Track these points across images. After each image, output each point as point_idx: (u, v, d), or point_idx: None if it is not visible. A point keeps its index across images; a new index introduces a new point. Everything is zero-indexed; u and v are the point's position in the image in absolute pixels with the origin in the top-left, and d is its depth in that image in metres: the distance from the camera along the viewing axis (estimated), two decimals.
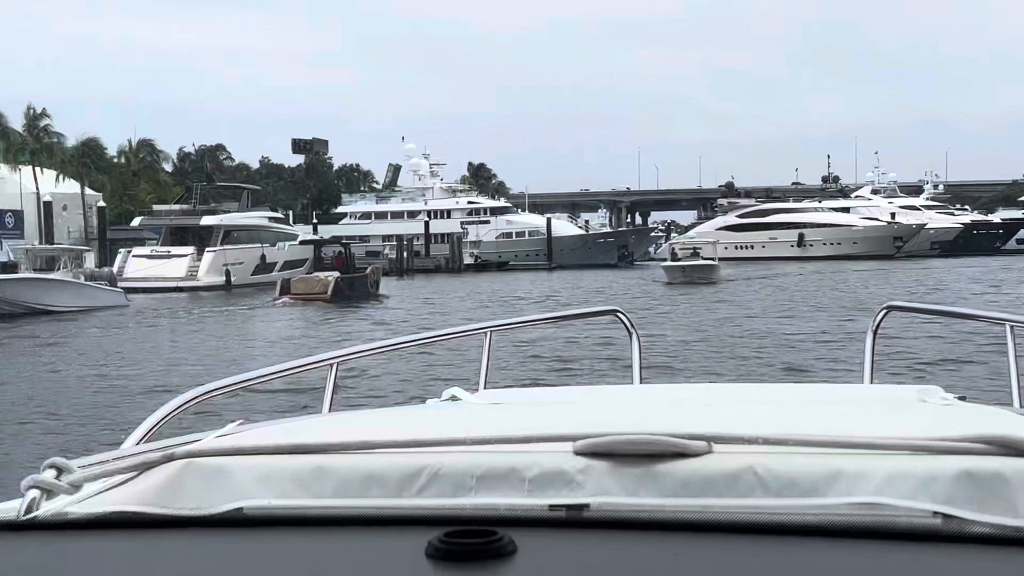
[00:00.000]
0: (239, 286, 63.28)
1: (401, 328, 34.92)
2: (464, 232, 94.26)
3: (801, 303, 41.83)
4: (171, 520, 1.66)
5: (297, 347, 29.69)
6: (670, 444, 1.65)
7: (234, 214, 70.07)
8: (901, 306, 5.09)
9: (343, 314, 43.49)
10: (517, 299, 50.50)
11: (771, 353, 24.84)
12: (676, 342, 26.93)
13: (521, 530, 1.43)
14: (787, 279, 60.83)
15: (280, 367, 3.48)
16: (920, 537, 1.49)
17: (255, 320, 43.38)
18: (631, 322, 4.55)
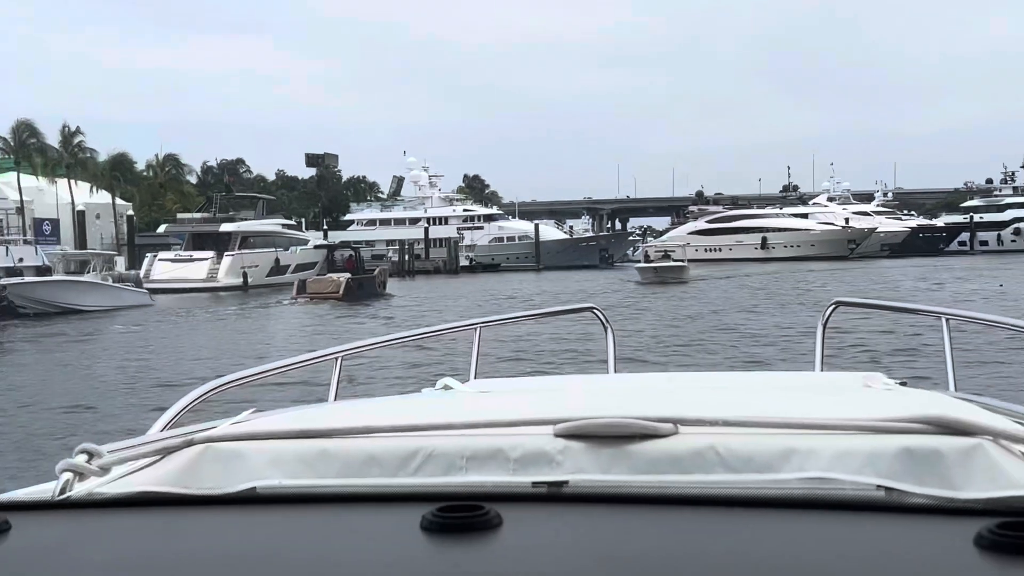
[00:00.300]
0: (255, 287, 63.01)
1: (407, 323, 35.06)
2: (460, 237, 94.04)
3: (763, 300, 41.50)
4: (191, 499, 1.68)
5: (312, 340, 29.52)
6: (640, 426, 1.68)
7: (250, 222, 69.85)
8: (848, 301, 5.06)
9: (353, 311, 43.56)
10: (508, 298, 50.44)
11: (734, 345, 24.59)
12: (648, 336, 26.69)
13: (506, 505, 1.45)
14: (751, 278, 60.50)
15: (290, 360, 3.51)
16: (864, 508, 1.50)
17: (275, 317, 43.44)
18: (606, 318, 4.57)
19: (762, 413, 1.78)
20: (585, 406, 2.05)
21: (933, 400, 2.46)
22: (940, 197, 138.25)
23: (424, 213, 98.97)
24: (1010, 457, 1.61)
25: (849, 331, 21.57)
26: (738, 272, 69.08)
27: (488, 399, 2.79)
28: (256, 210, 72.52)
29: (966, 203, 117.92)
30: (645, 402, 2.28)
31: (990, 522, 1.25)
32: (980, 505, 1.48)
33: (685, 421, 1.71)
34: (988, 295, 40.99)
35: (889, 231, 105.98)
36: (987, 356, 17.45)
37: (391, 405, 2.67)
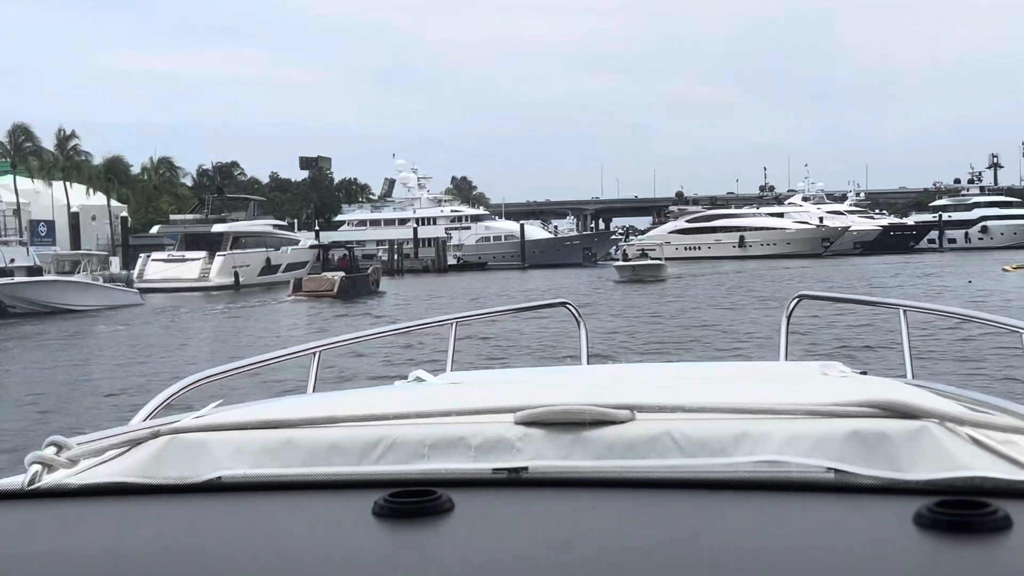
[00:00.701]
0: (246, 286, 62.24)
1: (401, 318, 34.44)
2: (448, 237, 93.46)
3: (738, 296, 40.74)
4: (157, 488, 1.66)
5: (310, 335, 28.77)
6: (598, 413, 1.66)
7: (242, 222, 68.70)
8: (811, 295, 5.01)
9: (346, 308, 43.55)
10: (498, 294, 50.06)
11: (707, 340, 24.02)
12: (623, 332, 26.07)
13: (462, 490, 1.44)
14: (727, 276, 59.83)
15: (268, 355, 3.41)
16: (813, 489, 1.51)
17: (272, 314, 43.30)
18: (579, 313, 4.51)
19: (717, 399, 1.75)
20: (547, 395, 1.95)
21: (886, 386, 2.42)
22: (910, 197, 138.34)
23: (413, 214, 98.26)
24: (955, 439, 1.59)
25: (833, 325, 21.21)
26: (715, 270, 68.54)
27: (455, 390, 2.70)
28: (247, 211, 71.22)
29: (935, 203, 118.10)
30: (605, 390, 2.18)
31: (929, 501, 1.26)
32: (924, 485, 1.47)
33: (642, 408, 1.69)
34: (956, 289, 40.47)
35: (862, 229, 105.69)
36: (944, 345, 17.59)
37: (359, 396, 2.59)
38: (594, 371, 3.74)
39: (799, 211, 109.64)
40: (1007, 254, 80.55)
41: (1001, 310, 29.89)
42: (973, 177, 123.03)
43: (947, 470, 1.53)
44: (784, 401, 1.75)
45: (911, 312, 3.94)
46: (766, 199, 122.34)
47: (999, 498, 1.29)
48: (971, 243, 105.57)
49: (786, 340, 4.25)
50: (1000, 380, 13.86)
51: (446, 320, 4.28)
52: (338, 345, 3.88)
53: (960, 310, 4.23)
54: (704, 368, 3.95)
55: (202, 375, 2.99)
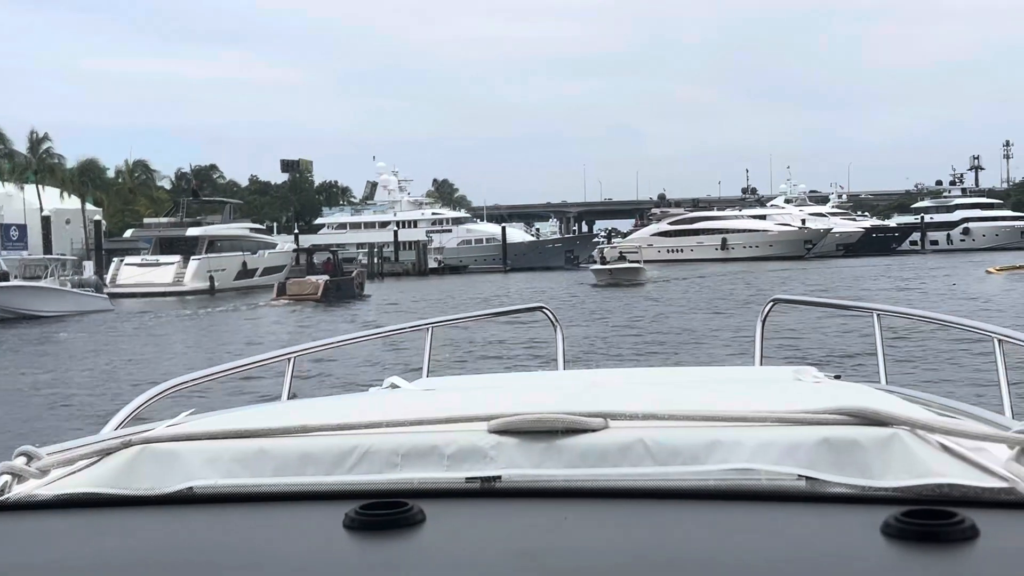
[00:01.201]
0: (222, 290, 61.08)
1: (386, 321, 34.72)
2: (429, 240, 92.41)
3: (719, 300, 39.79)
4: (128, 500, 1.64)
5: (294, 338, 28.91)
6: (571, 421, 1.67)
7: (217, 226, 67.34)
8: (785, 299, 4.98)
9: (327, 312, 43.21)
10: (486, 298, 49.43)
11: (684, 346, 23.26)
12: (595, 336, 25.26)
13: (435, 501, 1.44)
14: (708, 279, 58.97)
15: (242, 362, 3.34)
16: (785, 498, 1.51)
17: (247, 318, 42.57)
18: (555, 317, 4.50)
19: (690, 407, 1.76)
20: (521, 402, 1.95)
21: (856, 392, 2.39)
22: (892, 199, 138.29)
23: (394, 217, 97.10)
24: (925, 446, 1.59)
25: (804, 334, 20.70)
26: (697, 272, 67.70)
27: (428, 397, 2.69)
28: (223, 214, 69.87)
29: (917, 204, 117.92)
30: (579, 397, 2.18)
31: (897, 510, 1.26)
32: (894, 494, 1.49)
33: (615, 415, 1.70)
34: (940, 292, 39.73)
35: (844, 231, 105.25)
36: (918, 348, 17.51)
37: (332, 404, 2.54)
38: (568, 377, 3.65)
39: (781, 213, 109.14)
40: (989, 256, 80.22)
41: (985, 313, 29.30)
42: (955, 179, 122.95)
43: (917, 477, 1.52)
44: (756, 408, 1.74)
45: (884, 316, 3.92)
46: (748, 201, 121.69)
47: (967, 507, 1.29)
48: (953, 245, 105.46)
49: (761, 344, 4.22)
50: (971, 385, 13.67)
51: (422, 325, 4.23)
52: (313, 351, 3.81)
53: (933, 314, 4.19)
54: (678, 373, 3.85)
55: (174, 382, 2.90)
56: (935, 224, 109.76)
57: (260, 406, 2.85)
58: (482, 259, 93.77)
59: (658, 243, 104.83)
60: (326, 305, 46.88)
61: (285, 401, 3.13)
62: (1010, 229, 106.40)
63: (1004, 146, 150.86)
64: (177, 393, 2.88)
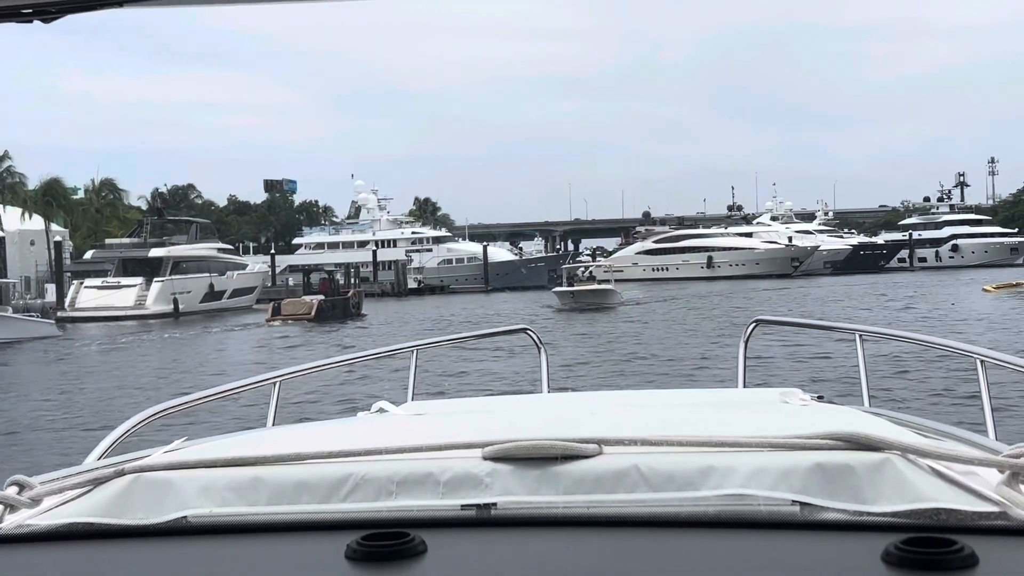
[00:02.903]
0: (187, 313, 57.90)
1: (377, 341, 33.60)
2: (409, 259, 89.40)
3: (700, 326, 36.32)
4: (122, 531, 1.62)
5: (280, 358, 28.91)
6: (565, 447, 1.66)
7: (183, 246, 64.15)
8: (768, 320, 4.96)
9: (322, 332, 42.60)
10: (474, 318, 48.18)
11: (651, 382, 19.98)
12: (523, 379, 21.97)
13: (435, 531, 1.44)
14: (691, 300, 55.64)
15: (229, 386, 3.34)
16: (780, 525, 1.51)
17: (250, 337, 42.44)
18: (539, 339, 4.48)
19: (682, 431, 1.74)
20: (514, 428, 1.94)
21: (845, 416, 2.39)
22: (878, 216, 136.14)
23: (372, 236, 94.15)
24: (917, 471, 1.59)
25: (783, 357, 20.00)
26: (681, 291, 64.55)
27: (420, 422, 2.64)
28: (189, 234, 66.64)
29: (905, 221, 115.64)
30: (571, 423, 2.14)
31: (897, 538, 1.27)
32: (889, 519, 1.50)
33: (608, 441, 1.68)
34: (943, 312, 36.86)
35: (831, 249, 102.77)
36: (900, 370, 17.13)
37: (323, 431, 2.51)
38: (557, 400, 3.62)
39: (768, 231, 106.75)
40: (978, 272, 78.04)
41: (992, 334, 26.73)
42: (943, 195, 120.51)
43: (911, 502, 1.52)
44: (748, 433, 1.72)
45: (867, 337, 3.86)
46: (734, 219, 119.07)
47: (964, 534, 1.31)
48: (942, 262, 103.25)
49: (744, 365, 4.21)
50: (954, 405, 13.44)
51: (406, 348, 4.23)
52: (299, 375, 3.72)
53: (914, 335, 4.05)
54: (665, 396, 3.75)
55: (159, 408, 2.88)
56: (923, 241, 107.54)
57: (252, 432, 2.73)
58: (463, 279, 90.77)
59: (643, 261, 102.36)
60: (318, 325, 46.26)
61: (277, 428, 3.05)
62: (999, 246, 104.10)
63: (989, 163, 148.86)
64: (162, 418, 2.81)
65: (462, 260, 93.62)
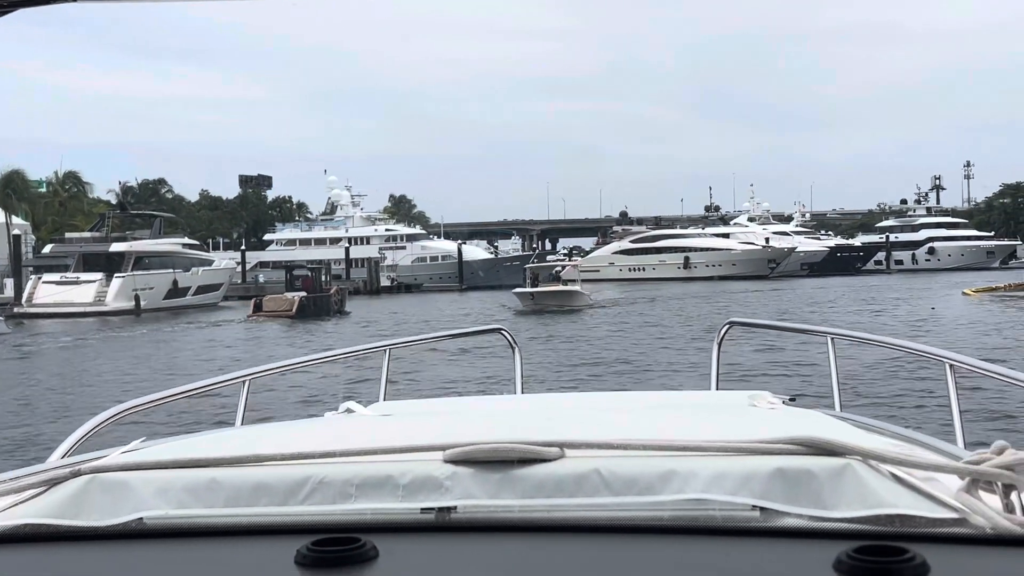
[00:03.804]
0: (149, 311, 55.71)
1: (358, 338, 33.37)
2: (382, 257, 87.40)
3: (668, 332, 34.53)
4: (77, 532, 1.60)
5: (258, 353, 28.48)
6: (527, 451, 1.65)
7: (145, 241, 61.67)
8: (741, 322, 4.94)
9: (304, 329, 42.07)
10: (459, 316, 46.96)
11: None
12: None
13: (389, 536, 1.42)
14: (666, 303, 53.74)
15: (196, 384, 3.30)
16: (740, 532, 1.50)
17: (232, 332, 41.77)
18: (514, 339, 4.46)
19: (645, 435, 1.73)
20: (477, 430, 1.92)
21: (811, 420, 2.38)
22: (855, 218, 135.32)
23: (345, 233, 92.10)
24: (878, 476, 1.59)
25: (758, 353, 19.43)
26: (657, 292, 62.84)
27: (384, 424, 2.60)
28: (152, 229, 64.08)
29: (881, 223, 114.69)
30: (535, 425, 2.12)
31: (850, 545, 1.26)
32: (846, 527, 1.50)
33: (570, 444, 1.67)
34: (924, 316, 35.37)
35: (808, 251, 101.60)
36: (871, 374, 16.87)
37: (285, 431, 2.45)
38: (524, 402, 3.58)
39: (745, 232, 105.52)
40: (955, 276, 76.99)
41: (982, 339, 25.33)
42: (920, 198, 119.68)
43: (869, 508, 1.52)
44: (710, 437, 1.71)
45: (839, 340, 3.85)
46: (711, 219, 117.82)
47: (919, 541, 1.30)
48: (918, 264, 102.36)
49: (717, 368, 4.19)
50: (925, 410, 13.33)
51: (379, 347, 4.17)
52: (268, 373, 3.66)
53: (886, 339, 3.96)
54: (634, 398, 3.74)
55: (123, 407, 2.81)
56: (900, 243, 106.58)
57: (213, 433, 2.67)
58: (437, 277, 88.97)
59: (620, 261, 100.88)
60: (300, 321, 45.67)
61: (238, 428, 2.99)
62: (975, 249, 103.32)
63: (965, 167, 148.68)
64: (128, 418, 2.76)
65: (436, 258, 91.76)
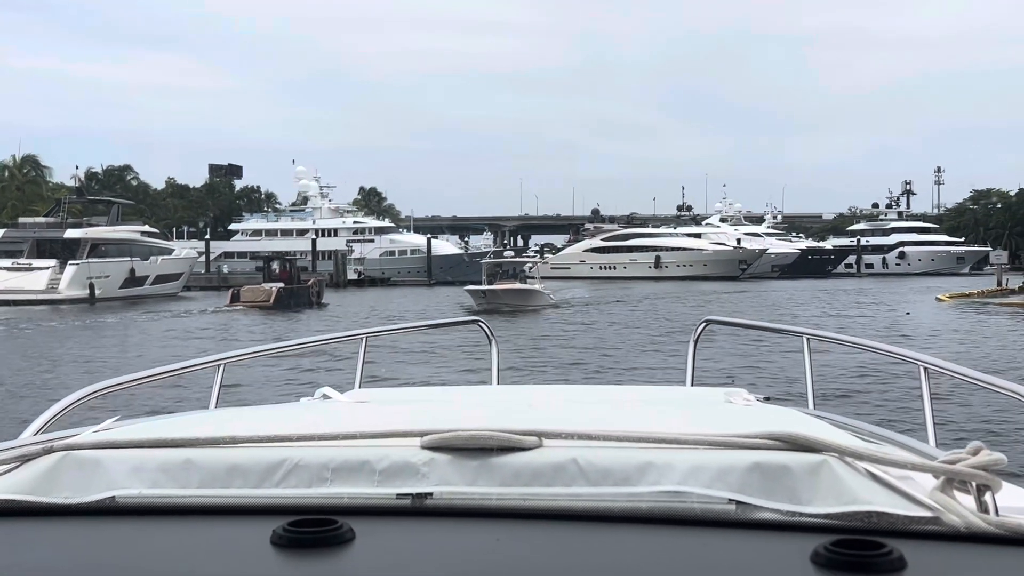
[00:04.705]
0: (105, 299, 53.66)
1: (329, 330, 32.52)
2: (349, 250, 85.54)
3: (629, 340, 33.32)
4: (48, 508, 1.58)
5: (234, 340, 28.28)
6: (505, 439, 1.63)
7: (102, 228, 59.46)
8: (717, 320, 4.93)
9: (277, 317, 41.97)
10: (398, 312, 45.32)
11: None
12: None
13: (365, 519, 1.40)
14: (636, 305, 52.27)
15: (170, 367, 3.27)
16: (716, 523, 1.49)
17: (207, 322, 40.45)
18: (491, 331, 4.46)
19: (623, 427, 1.71)
20: (455, 418, 1.91)
21: (786, 417, 2.39)
22: (825, 221, 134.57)
23: (312, 224, 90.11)
24: (853, 473, 1.60)
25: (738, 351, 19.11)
26: (622, 293, 61.36)
27: (361, 410, 2.59)
28: (110, 215, 61.79)
29: (853, 227, 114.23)
30: (513, 414, 2.15)
31: (827, 539, 1.27)
32: (822, 521, 1.50)
33: (549, 434, 1.66)
34: (902, 321, 34.23)
35: (779, 252, 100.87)
36: (843, 373, 16.75)
37: (261, 415, 2.43)
38: (503, 392, 3.57)
39: (716, 232, 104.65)
40: (926, 280, 76.48)
41: (953, 347, 24.24)
42: (891, 202, 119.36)
43: (845, 504, 1.53)
44: (688, 431, 1.70)
45: (814, 340, 3.86)
46: (683, 219, 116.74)
47: (894, 537, 1.30)
48: (888, 268, 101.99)
49: (693, 364, 4.22)
50: (897, 411, 13.18)
51: (356, 335, 4.15)
52: (244, 358, 3.61)
53: (861, 340, 3.89)
54: (612, 392, 3.77)
55: (99, 386, 2.76)
56: (871, 247, 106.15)
57: (188, 414, 2.65)
58: (406, 271, 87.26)
59: (591, 259, 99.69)
60: (277, 311, 45.38)
61: (214, 410, 2.95)
62: (946, 254, 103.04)
63: (936, 172, 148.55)
64: (102, 398, 2.72)
65: (405, 252, 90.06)
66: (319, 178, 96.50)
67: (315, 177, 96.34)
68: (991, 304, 43.53)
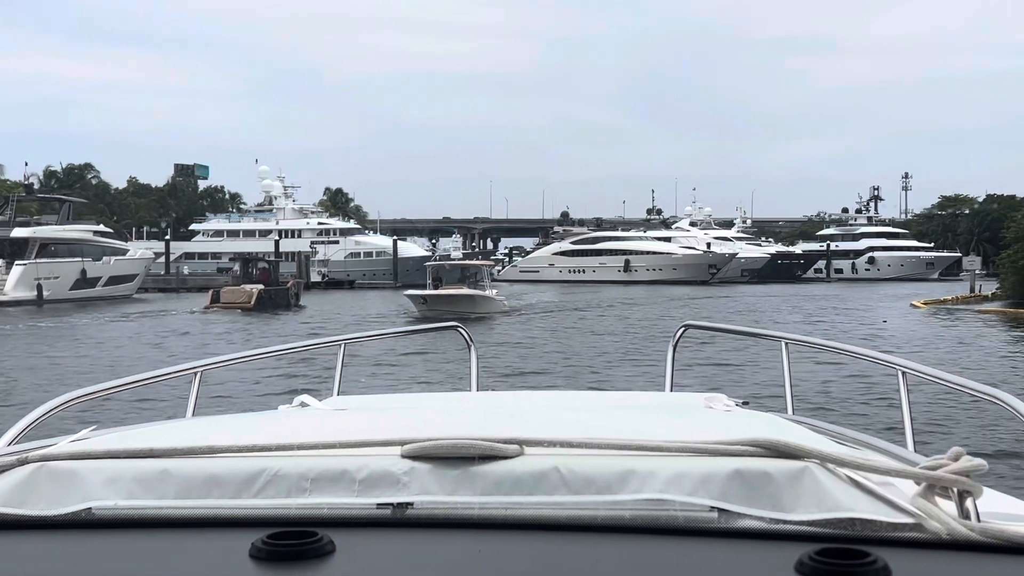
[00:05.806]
0: (53, 301, 51.20)
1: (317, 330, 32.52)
2: (313, 251, 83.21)
3: (580, 355, 31.55)
4: (23, 521, 1.55)
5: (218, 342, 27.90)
6: (486, 447, 1.61)
7: (52, 227, 57.02)
8: (696, 325, 4.93)
9: (259, 319, 41.66)
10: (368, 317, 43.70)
11: None
12: None
13: (345, 530, 1.39)
14: (601, 311, 50.45)
15: (147, 375, 3.20)
16: (699, 532, 1.49)
17: (182, 323, 39.69)
18: (470, 336, 4.41)
19: (605, 435, 1.70)
20: (435, 427, 1.91)
21: (767, 423, 2.37)
22: (794, 226, 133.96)
23: (275, 225, 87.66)
24: (835, 480, 1.58)
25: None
26: (593, 300, 59.52)
27: (339, 418, 2.51)
28: (60, 214, 59.28)
29: (823, 232, 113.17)
30: (494, 422, 2.11)
31: (811, 547, 1.27)
32: (805, 529, 1.49)
33: (529, 442, 1.64)
34: (881, 329, 32.71)
35: (749, 257, 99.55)
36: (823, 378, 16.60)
37: (239, 424, 2.40)
38: (483, 399, 3.56)
39: (686, 236, 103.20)
40: (895, 286, 75.43)
41: (931, 354, 22.96)
42: (861, 207, 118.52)
43: (827, 511, 1.52)
44: (670, 438, 1.69)
45: (793, 345, 3.85)
46: (653, 223, 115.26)
47: (878, 545, 1.31)
48: (858, 274, 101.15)
49: (672, 370, 4.21)
50: (876, 416, 12.92)
51: (334, 341, 4.08)
52: (221, 365, 3.58)
53: (839, 344, 3.87)
54: (592, 398, 3.76)
55: (74, 395, 2.69)
56: (840, 252, 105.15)
57: (165, 423, 2.59)
58: (371, 274, 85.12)
59: (560, 263, 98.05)
60: (256, 313, 45.49)
61: (191, 419, 2.87)
62: (915, 260, 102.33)
63: (903, 178, 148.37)
64: (76, 407, 2.65)
65: (371, 254, 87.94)
66: (283, 177, 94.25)
67: (279, 177, 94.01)
68: (968, 311, 42.20)
